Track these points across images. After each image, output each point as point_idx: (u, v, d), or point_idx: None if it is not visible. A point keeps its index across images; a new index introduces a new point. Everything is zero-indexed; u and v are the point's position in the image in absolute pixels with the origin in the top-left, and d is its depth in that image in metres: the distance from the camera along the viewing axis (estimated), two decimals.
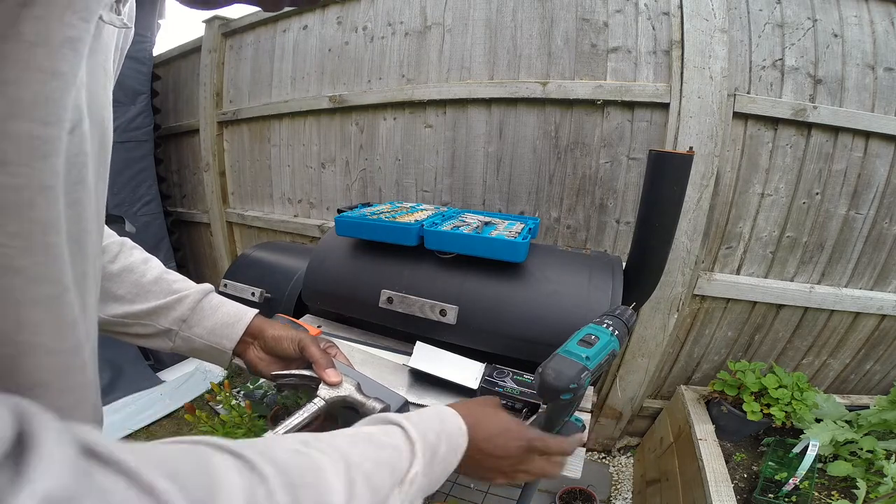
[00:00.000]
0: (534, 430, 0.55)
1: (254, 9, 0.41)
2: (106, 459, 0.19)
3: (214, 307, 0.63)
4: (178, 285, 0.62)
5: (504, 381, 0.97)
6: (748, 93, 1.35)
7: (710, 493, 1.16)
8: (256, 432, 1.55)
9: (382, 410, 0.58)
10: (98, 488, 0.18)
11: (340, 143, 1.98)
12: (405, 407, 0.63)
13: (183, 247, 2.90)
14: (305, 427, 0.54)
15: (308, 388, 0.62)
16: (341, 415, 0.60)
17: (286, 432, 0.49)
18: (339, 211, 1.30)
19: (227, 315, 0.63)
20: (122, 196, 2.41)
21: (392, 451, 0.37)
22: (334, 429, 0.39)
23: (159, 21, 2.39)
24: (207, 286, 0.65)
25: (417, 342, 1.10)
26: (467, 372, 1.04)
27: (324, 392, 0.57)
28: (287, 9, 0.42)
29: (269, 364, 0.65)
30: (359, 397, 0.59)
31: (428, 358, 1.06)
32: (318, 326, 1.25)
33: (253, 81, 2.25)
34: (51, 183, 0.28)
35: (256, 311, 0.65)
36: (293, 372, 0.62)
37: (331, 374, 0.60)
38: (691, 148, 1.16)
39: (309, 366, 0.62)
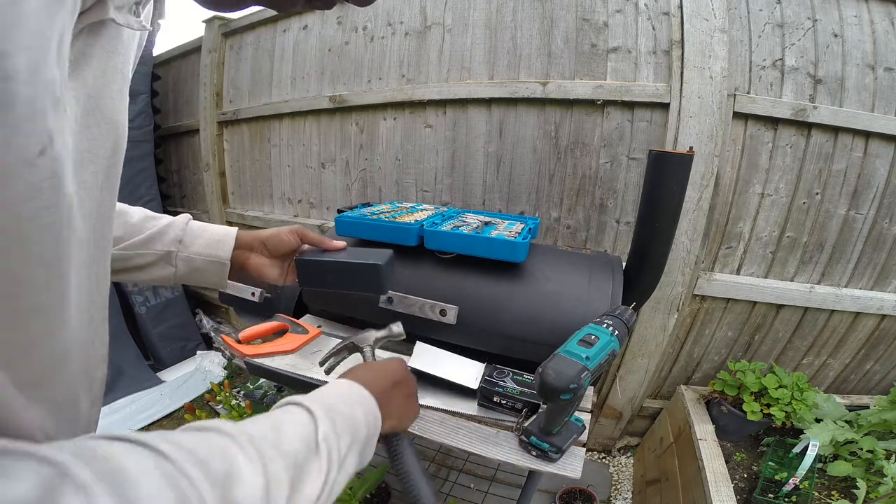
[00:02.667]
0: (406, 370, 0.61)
1: (255, 8, 0.42)
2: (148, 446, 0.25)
3: (202, 227, 0.67)
4: (163, 219, 0.66)
5: (504, 381, 0.97)
6: (748, 93, 1.35)
7: (710, 493, 1.16)
8: None
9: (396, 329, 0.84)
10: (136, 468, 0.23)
11: (340, 143, 1.98)
12: (393, 256, 0.74)
13: None
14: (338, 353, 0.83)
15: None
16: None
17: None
18: (339, 211, 1.30)
19: (216, 233, 0.67)
20: (121, 196, 2.33)
21: (294, 422, 0.38)
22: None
23: (159, 21, 2.38)
24: (187, 214, 0.69)
25: (417, 342, 1.10)
26: (467, 372, 1.03)
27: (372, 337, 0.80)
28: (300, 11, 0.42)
29: (271, 266, 0.71)
30: (394, 328, 0.84)
31: (428, 358, 1.06)
32: (318, 326, 1.25)
33: (253, 81, 2.25)
34: None
35: (236, 228, 0.70)
36: (340, 345, 0.81)
37: (338, 244, 0.73)
38: (691, 148, 1.16)
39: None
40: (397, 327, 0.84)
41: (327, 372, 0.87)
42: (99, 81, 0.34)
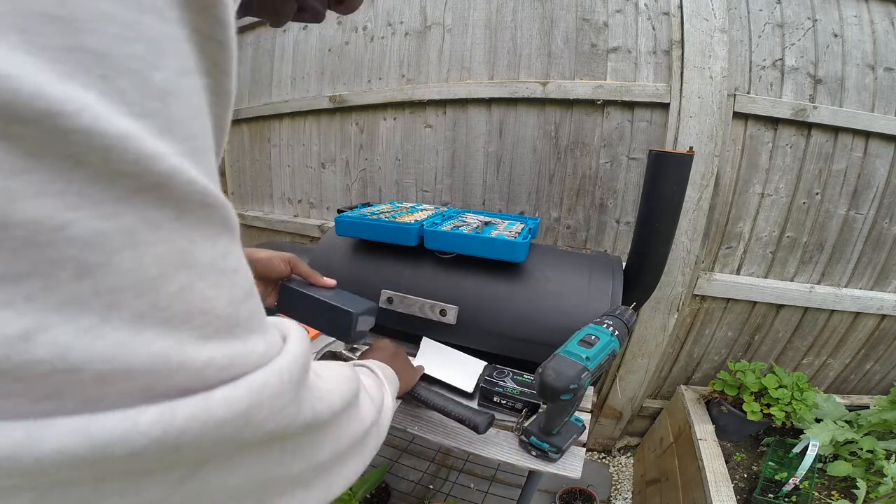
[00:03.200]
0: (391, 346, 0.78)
1: None
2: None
3: None
4: None
5: (504, 381, 0.97)
6: (748, 93, 1.35)
7: (710, 493, 1.16)
8: None
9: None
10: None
11: (340, 143, 1.98)
12: (374, 308, 0.77)
13: None
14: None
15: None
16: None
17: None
18: (339, 211, 1.30)
19: None
20: None
21: (370, 372, 0.55)
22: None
23: None
24: None
25: (424, 338, 1.10)
26: (470, 371, 1.04)
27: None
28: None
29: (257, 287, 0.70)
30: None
31: (432, 354, 1.06)
32: None
33: (253, 81, 2.24)
34: None
35: None
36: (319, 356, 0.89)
37: (327, 281, 0.75)
38: (691, 148, 1.16)
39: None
40: None
41: None
42: None
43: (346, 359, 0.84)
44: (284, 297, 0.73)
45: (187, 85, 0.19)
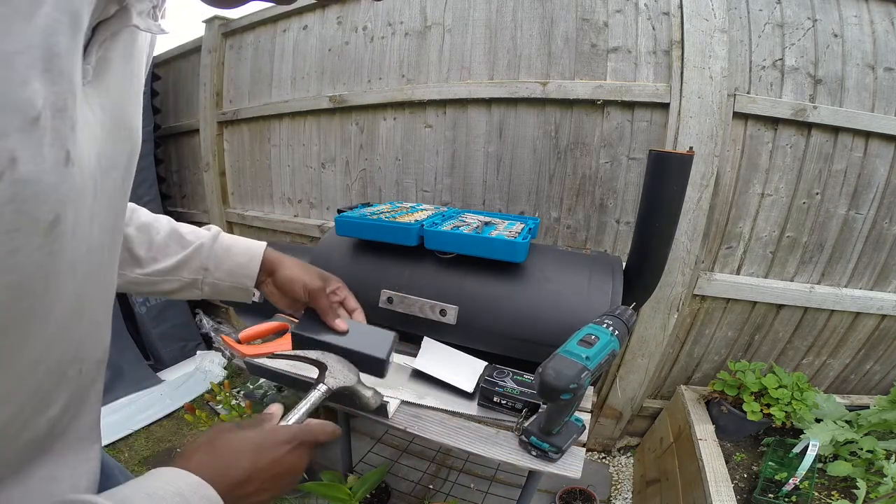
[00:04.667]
0: (282, 428, 0.47)
1: (255, 8, 0.41)
2: None
3: (226, 249, 0.67)
4: (190, 237, 0.66)
5: (504, 381, 0.97)
6: (748, 93, 1.35)
7: (710, 493, 1.16)
8: None
9: (375, 398, 0.67)
10: None
11: (340, 143, 1.98)
12: (396, 340, 0.69)
13: None
14: (312, 414, 0.55)
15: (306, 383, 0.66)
16: (343, 399, 0.64)
17: (297, 419, 0.52)
18: (339, 211, 1.30)
19: (240, 255, 0.67)
20: None
21: None
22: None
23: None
24: (214, 229, 0.69)
25: (425, 337, 1.10)
26: (470, 371, 1.04)
27: (331, 381, 0.61)
28: (300, 4, 0.41)
29: (280, 298, 0.70)
30: (359, 389, 0.65)
31: (433, 355, 1.06)
32: None
33: (253, 81, 2.25)
34: None
35: (265, 244, 0.70)
36: (297, 353, 0.64)
37: (339, 324, 0.67)
38: (691, 148, 1.16)
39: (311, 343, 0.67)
40: (375, 399, 0.67)
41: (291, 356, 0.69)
42: (120, 87, 0.34)
43: (364, 402, 0.65)
44: (299, 343, 0.68)
45: None
